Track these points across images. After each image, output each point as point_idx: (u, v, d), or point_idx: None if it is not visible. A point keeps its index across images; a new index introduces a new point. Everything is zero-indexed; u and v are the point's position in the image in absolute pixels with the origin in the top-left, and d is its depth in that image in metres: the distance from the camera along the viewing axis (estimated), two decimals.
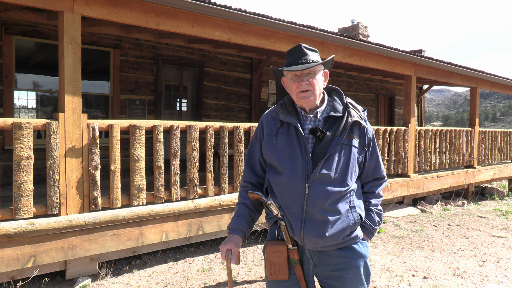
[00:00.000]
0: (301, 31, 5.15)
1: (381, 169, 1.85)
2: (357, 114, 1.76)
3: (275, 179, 1.73)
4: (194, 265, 4.25)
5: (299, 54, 1.71)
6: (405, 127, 7.02)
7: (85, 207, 3.63)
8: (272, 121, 1.79)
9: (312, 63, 1.68)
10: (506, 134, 10.21)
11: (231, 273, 1.77)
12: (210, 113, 8.19)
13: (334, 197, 1.65)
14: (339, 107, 1.76)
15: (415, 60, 6.95)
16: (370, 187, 1.85)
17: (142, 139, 3.94)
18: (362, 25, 12.82)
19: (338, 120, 1.73)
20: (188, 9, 4.08)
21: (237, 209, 1.86)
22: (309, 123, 1.74)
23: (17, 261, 3.27)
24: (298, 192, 1.65)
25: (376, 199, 1.84)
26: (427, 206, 7.50)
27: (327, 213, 1.64)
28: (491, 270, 4.30)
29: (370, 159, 1.81)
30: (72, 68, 3.51)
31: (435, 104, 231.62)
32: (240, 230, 1.79)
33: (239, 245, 1.76)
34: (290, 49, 1.76)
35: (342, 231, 1.66)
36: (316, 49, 1.77)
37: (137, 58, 7.15)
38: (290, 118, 1.72)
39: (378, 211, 1.84)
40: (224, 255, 1.73)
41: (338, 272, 1.70)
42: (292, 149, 1.69)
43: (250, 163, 1.89)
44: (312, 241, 1.65)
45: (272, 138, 1.75)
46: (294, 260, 1.72)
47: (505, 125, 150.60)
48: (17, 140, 3.23)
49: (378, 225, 1.83)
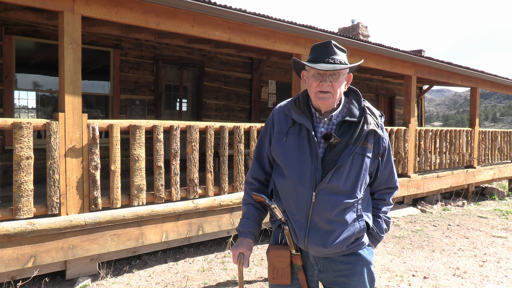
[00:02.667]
0: (301, 31, 5.15)
1: (394, 179, 1.77)
2: (374, 121, 1.65)
3: (281, 182, 1.66)
4: (194, 265, 4.25)
5: (328, 51, 1.58)
6: (405, 127, 7.02)
7: (85, 207, 3.63)
8: (283, 119, 1.70)
9: (340, 64, 1.56)
10: (506, 134, 10.21)
11: (242, 277, 1.73)
12: (210, 113, 8.19)
13: (341, 208, 1.58)
14: (356, 111, 1.65)
15: (415, 60, 6.95)
16: (381, 195, 1.78)
17: (142, 139, 3.94)
18: (362, 25, 12.82)
19: (353, 126, 1.62)
20: (188, 9, 4.08)
21: (246, 210, 1.79)
22: (323, 126, 1.64)
23: (17, 261, 3.27)
24: (304, 199, 1.59)
25: (386, 206, 1.79)
26: (427, 206, 7.49)
27: (332, 223, 1.59)
28: (491, 270, 4.30)
29: (384, 169, 1.72)
30: (72, 68, 3.51)
31: (435, 104, 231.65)
32: (251, 233, 1.74)
33: (251, 249, 1.71)
34: (318, 43, 1.63)
35: (346, 240, 1.61)
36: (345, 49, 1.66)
37: (137, 58, 7.15)
38: (303, 119, 1.62)
39: (387, 219, 1.78)
40: (236, 259, 1.69)
41: (343, 278, 1.66)
42: (302, 152, 1.61)
43: (259, 158, 1.80)
44: (316, 249, 1.61)
45: (282, 137, 1.66)
46: (297, 266, 1.69)
47: (505, 125, 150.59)
48: (17, 140, 3.23)
49: (385, 233, 1.78)
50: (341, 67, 1.54)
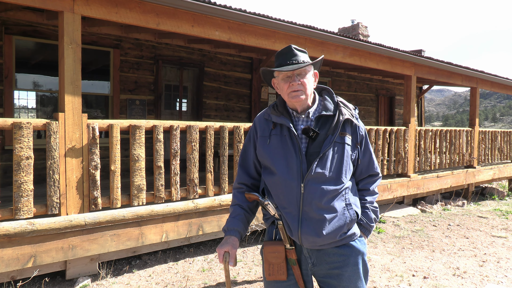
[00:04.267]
0: (301, 31, 5.16)
1: (374, 165, 1.86)
2: (349, 112, 1.77)
3: (271, 180, 1.74)
4: (194, 265, 4.26)
5: (290, 55, 1.73)
6: (405, 127, 7.02)
7: (85, 207, 3.63)
8: (264, 123, 1.81)
9: (303, 63, 1.71)
10: (506, 134, 10.21)
11: (229, 275, 1.76)
12: (210, 113, 8.19)
13: (329, 196, 1.66)
14: (330, 106, 1.77)
15: (415, 60, 6.95)
16: (364, 184, 1.85)
17: (142, 139, 3.94)
18: (362, 25, 12.83)
19: (330, 119, 1.74)
20: (188, 9, 4.08)
21: (232, 211, 1.85)
22: (302, 123, 1.75)
23: (17, 261, 3.27)
24: (293, 192, 1.67)
25: (371, 196, 1.85)
26: (427, 206, 7.50)
27: (323, 211, 1.65)
28: (491, 270, 4.30)
29: (363, 156, 1.82)
30: (72, 68, 3.51)
31: (435, 104, 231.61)
32: (236, 231, 1.78)
33: (236, 247, 1.75)
34: (280, 50, 1.77)
35: (339, 229, 1.67)
36: (305, 50, 1.79)
37: (137, 58, 7.15)
38: (282, 119, 1.73)
39: (374, 208, 1.84)
40: (221, 257, 1.72)
41: (337, 270, 1.70)
42: (286, 149, 1.70)
43: (244, 165, 1.90)
44: (310, 240, 1.66)
45: (266, 139, 1.76)
46: (292, 260, 1.72)
47: (505, 125, 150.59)
48: (17, 140, 3.23)
49: (375, 222, 1.84)
50: (305, 64, 1.70)
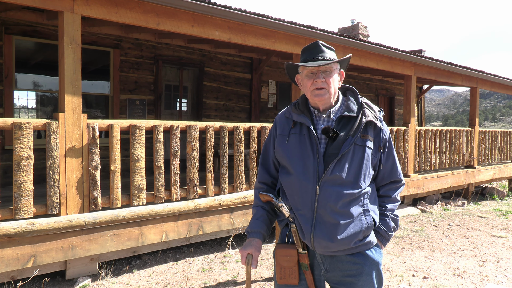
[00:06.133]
0: (301, 31, 5.16)
1: (398, 171, 1.77)
2: (372, 114, 1.69)
3: (286, 180, 1.69)
4: (194, 265, 4.25)
5: (316, 51, 1.67)
6: (405, 127, 7.02)
7: (85, 207, 3.63)
8: (285, 121, 1.76)
9: (329, 60, 1.64)
10: (506, 134, 10.21)
11: (250, 278, 1.71)
12: (210, 113, 8.19)
13: (345, 199, 1.59)
14: (354, 107, 1.70)
15: (415, 60, 6.96)
16: (386, 191, 1.77)
17: (142, 139, 3.94)
18: (362, 25, 12.83)
19: (352, 120, 1.67)
20: (188, 9, 4.08)
21: (255, 212, 1.81)
22: (322, 123, 1.69)
23: (17, 261, 3.27)
24: (308, 193, 1.61)
25: (392, 203, 1.76)
26: (427, 206, 7.50)
27: (338, 215, 1.58)
28: (491, 270, 4.30)
29: (386, 161, 1.73)
30: (72, 68, 3.51)
31: (435, 104, 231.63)
32: (260, 233, 1.74)
33: (259, 249, 1.71)
34: (307, 45, 1.71)
35: (354, 236, 1.60)
36: (333, 47, 1.72)
37: (137, 58, 7.15)
38: (302, 118, 1.68)
39: (394, 217, 1.75)
40: (244, 259, 1.67)
41: (350, 278, 1.64)
42: (304, 149, 1.65)
43: (265, 164, 1.85)
44: (323, 244, 1.60)
45: (285, 138, 1.71)
46: (304, 265, 1.67)
47: (505, 125, 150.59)
48: (17, 140, 3.23)
49: (394, 231, 1.75)
50: (331, 61, 1.63)
